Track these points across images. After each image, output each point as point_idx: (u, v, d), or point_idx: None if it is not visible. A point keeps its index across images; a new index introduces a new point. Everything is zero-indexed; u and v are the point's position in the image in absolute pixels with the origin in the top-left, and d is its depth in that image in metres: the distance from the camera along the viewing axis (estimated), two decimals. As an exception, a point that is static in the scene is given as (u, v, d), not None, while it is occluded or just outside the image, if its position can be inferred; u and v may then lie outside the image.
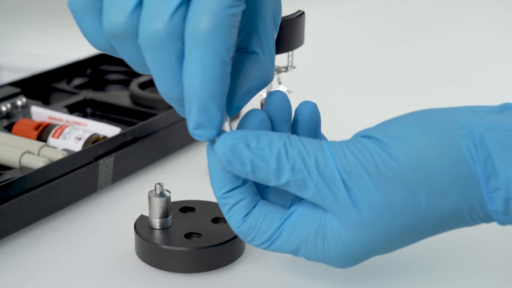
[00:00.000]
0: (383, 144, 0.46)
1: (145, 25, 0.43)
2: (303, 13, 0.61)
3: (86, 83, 0.82)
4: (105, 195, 0.64)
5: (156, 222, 0.54)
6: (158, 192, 0.54)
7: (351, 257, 0.47)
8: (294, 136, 0.46)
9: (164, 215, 0.54)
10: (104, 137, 0.65)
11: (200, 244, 0.53)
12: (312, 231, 0.47)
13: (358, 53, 1.05)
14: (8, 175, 0.59)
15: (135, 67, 0.47)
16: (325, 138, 0.52)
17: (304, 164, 0.46)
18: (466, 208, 0.45)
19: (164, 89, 0.45)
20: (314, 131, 0.51)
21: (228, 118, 0.48)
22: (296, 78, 0.67)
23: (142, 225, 0.55)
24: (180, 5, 0.43)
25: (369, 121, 0.80)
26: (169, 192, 0.54)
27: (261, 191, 0.50)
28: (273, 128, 0.49)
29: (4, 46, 1.01)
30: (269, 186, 0.49)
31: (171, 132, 0.69)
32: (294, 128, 0.50)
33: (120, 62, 0.83)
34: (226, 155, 0.46)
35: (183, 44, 0.43)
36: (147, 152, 0.67)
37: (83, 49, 0.91)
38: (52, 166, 0.59)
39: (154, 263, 0.53)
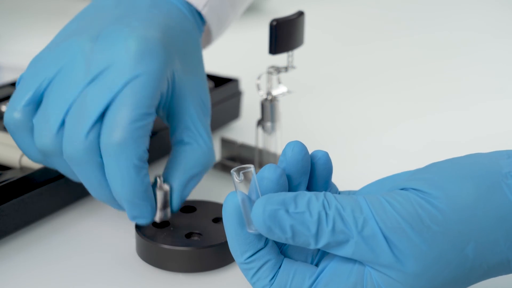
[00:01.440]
0: (426, 195, 0.44)
1: (66, 144, 0.51)
2: (302, 13, 0.61)
3: (86, 83, 0.81)
4: (105, 195, 0.64)
5: (156, 214, 0.54)
6: (157, 185, 0.54)
7: None
8: (330, 194, 0.45)
9: (163, 206, 0.54)
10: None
11: (200, 244, 0.53)
12: (349, 286, 0.45)
13: (358, 53, 1.05)
14: (8, 175, 0.59)
15: (70, 177, 0.55)
16: (335, 186, 0.50)
17: (344, 224, 0.44)
18: None
19: (95, 194, 0.53)
20: (326, 181, 0.49)
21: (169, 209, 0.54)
22: (296, 78, 0.67)
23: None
24: (93, 125, 0.51)
25: (370, 121, 0.80)
26: (169, 185, 0.54)
27: (280, 247, 0.48)
28: (289, 181, 0.48)
29: (4, 46, 1.01)
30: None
31: (171, 132, 0.69)
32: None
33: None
34: (267, 223, 0.44)
35: (101, 157, 0.51)
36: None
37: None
38: (52, 166, 0.59)
39: (154, 262, 0.53)
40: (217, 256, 0.53)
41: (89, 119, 0.50)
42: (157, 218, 0.54)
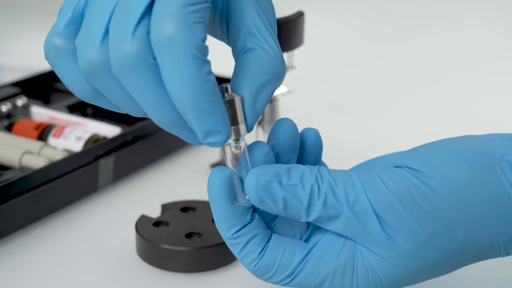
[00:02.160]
0: (419, 174, 0.44)
1: (112, 52, 0.42)
2: (302, 13, 0.61)
3: (86, 83, 0.82)
4: (105, 195, 0.64)
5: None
6: (226, 93, 0.45)
7: None
8: (324, 168, 0.45)
9: (234, 122, 0.44)
10: (104, 137, 0.65)
11: (200, 244, 0.53)
12: (339, 263, 0.45)
13: (357, 53, 1.05)
14: (8, 175, 0.59)
15: (125, 107, 0.45)
16: (325, 165, 0.50)
17: (335, 199, 0.44)
18: (503, 241, 0.44)
19: (156, 115, 0.43)
20: (316, 159, 0.49)
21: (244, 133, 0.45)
22: (296, 78, 0.67)
23: (143, 225, 0.55)
24: (140, 19, 0.42)
25: (370, 120, 0.80)
26: (239, 95, 0.45)
27: (268, 224, 0.48)
28: (278, 158, 0.47)
29: (4, 46, 1.01)
30: (276, 218, 0.47)
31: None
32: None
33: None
34: (259, 194, 0.44)
35: (154, 59, 0.42)
36: (147, 152, 0.67)
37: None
38: (52, 166, 0.59)
39: (154, 262, 0.53)
40: (217, 256, 0.53)
41: (135, 14, 0.42)
42: (233, 135, 0.44)
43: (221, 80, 0.77)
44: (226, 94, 0.44)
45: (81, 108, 0.74)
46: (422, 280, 0.46)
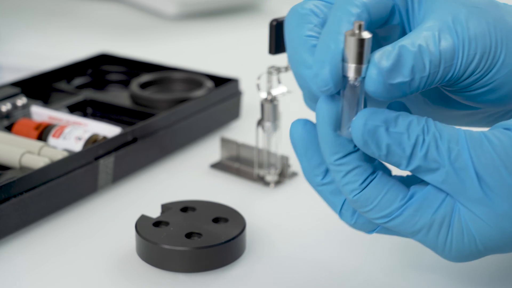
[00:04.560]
0: None
1: None
2: (303, 13, 0.61)
3: (86, 83, 0.82)
4: (105, 195, 0.64)
5: (352, 69, 0.44)
6: (356, 31, 0.43)
7: (470, 252, 0.46)
8: (431, 121, 0.45)
9: (359, 60, 0.44)
10: (104, 137, 0.65)
11: (200, 244, 0.53)
12: (437, 217, 0.45)
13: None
14: (8, 175, 0.59)
15: None
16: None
17: (437, 152, 0.44)
18: None
19: None
20: None
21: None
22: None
23: (143, 225, 0.55)
24: None
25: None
26: (371, 34, 0.43)
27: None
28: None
29: (4, 46, 1.01)
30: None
31: (171, 132, 0.69)
32: None
33: (120, 62, 0.83)
34: (365, 137, 0.44)
35: None
36: (147, 152, 0.67)
37: (83, 49, 0.91)
38: (52, 166, 0.59)
39: (154, 262, 0.53)
40: (217, 256, 0.53)
41: None
42: (352, 73, 0.44)
43: (216, 80, 0.77)
44: (357, 32, 0.43)
45: (81, 108, 0.74)
46: None
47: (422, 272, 0.54)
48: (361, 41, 0.43)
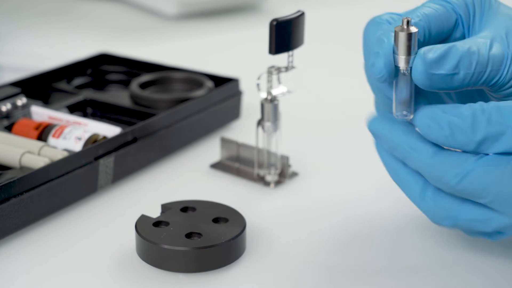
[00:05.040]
0: None
1: None
2: (303, 13, 0.61)
3: (86, 83, 0.82)
4: (105, 195, 0.64)
5: (402, 60, 0.50)
6: (404, 26, 0.50)
7: None
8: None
9: (408, 52, 0.50)
10: (104, 137, 0.65)
11: (200, 244, 0.53)
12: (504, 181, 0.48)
13: (358, 53, 1.04)
14: (8, 175, 0.59)
15: None
16: None
17: (500, 115, 0.47)
18: None
19: None
20: None
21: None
22: (296, 78, 0.67)
23: (143, 225, 0.55)
24: None
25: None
26: (417, 28, 0.50)
27: None
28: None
29: (4, 46, 1.01)
30: None
31: (171, 132, 0.69)
32: None
33: (120, 62, 0.83)
34: (425, 121, 0.49)
35: None
36: (147, 152, 0.67)
37: (83, 49, 0.91)
38: (52, 166, 0.59)
39: (154, 262, 0.53)
40: (217, 256, 0.53)
41: None
42: (402, 62, 0.50)
43: (217, 80, 0.77)
44: (405, 27, 0.50)
45: (81, 108, 0.74)
46: None
47: (422, 272, 0.54)
48: (408, 35, 0.49)
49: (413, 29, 0.49)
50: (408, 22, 0.49)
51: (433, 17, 0.52)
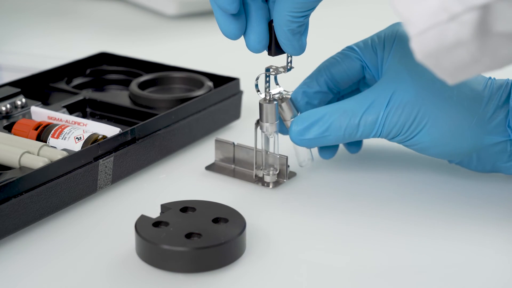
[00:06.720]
0: None
1: None
2: (303, 13, 0.61)
3: (85, 83, 0.81)
4: (105, 195, 0.64)
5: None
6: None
7: None
8: None
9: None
10: (104, 137, 0.65)
11: (200, 244, 0.53)
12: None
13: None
14: (8, 175, 0.59)
15: None
16: None
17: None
18: None
19: None
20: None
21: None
22: (295, 78, 0.67)
23: (142, 225, 0.55)
24: None
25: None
26: (288, 93, 0.63)
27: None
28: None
29: (4, 46, 1.01)
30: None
31: (171, 132, 0.69)
32: None
33: (120, 61, 0.83)
34: (299, 138, 0.60)
35: None
36: (147, 152, 0.67)
37: (83, 49, 0.91)
38: (52, 166, 0.59)
39: (154, 263, 0.53)
40: (217, 256, 0.53)
41: None
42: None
43: (216, 80, 0.77)
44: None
45: (80, 108, 0.74)
46: None
47: (422, 272, 0.54)
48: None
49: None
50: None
51: (334, 67, 0.63)
